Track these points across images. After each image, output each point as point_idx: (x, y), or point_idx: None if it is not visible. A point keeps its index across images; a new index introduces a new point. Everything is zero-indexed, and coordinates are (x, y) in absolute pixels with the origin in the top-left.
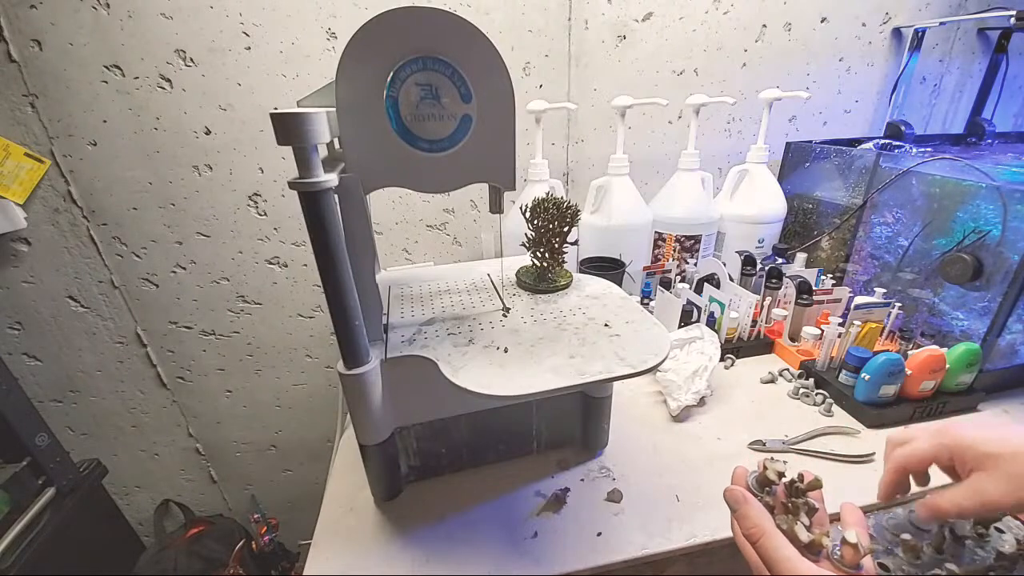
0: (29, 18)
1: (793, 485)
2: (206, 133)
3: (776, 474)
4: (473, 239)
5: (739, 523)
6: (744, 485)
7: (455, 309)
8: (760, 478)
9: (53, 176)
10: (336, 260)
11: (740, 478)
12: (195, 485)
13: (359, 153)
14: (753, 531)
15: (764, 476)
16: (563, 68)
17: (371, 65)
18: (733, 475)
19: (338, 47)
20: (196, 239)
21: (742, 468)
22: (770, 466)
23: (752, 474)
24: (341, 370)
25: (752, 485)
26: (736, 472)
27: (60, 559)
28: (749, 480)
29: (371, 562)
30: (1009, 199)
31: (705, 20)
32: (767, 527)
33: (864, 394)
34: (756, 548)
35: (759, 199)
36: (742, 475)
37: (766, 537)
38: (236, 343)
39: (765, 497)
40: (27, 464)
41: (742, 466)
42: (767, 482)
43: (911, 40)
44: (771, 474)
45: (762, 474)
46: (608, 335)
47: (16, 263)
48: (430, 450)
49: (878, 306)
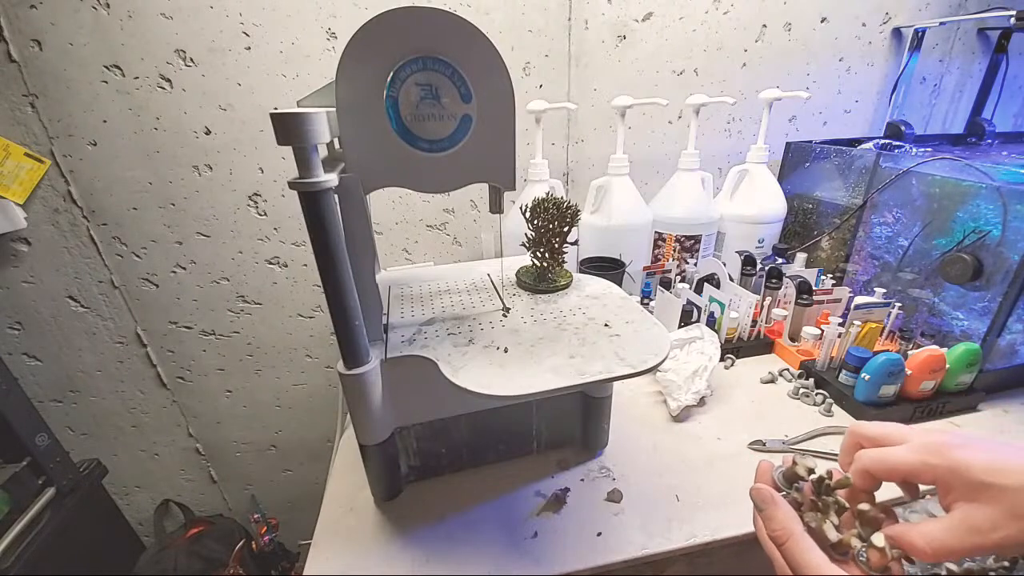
0: (29, 18)
1: (823, 482)
2: (206, 133)
3: (806, 470)
4: (473, 239)
5: (765, 523)
6: (769, 480)
7: (455, 309)
8: (788, 473)
9: (53, 176)
10: (336, 260)
11: (765, 473)
12: (195, 485)
13: (359, 153)
14: (780, 533)
15: (793, 471)
16: (563, 68)
17: (371, 65)
18: (758, 470)
19: (338, 47)
20: (196, 239)
21: (767, 463)
22: (800, 461)
23: (778, 469)
24: (341, 370)
25: (779, 480)
26: (761, 467)
27: (60, 559)
28: (775, 475)
29: (371, 562)
30: (1009, 199)
31: (705, 20)
32: (795, 529)
33: (864, 394)
34: (783, 551)
35: (759, 199)
36: (767, 470)
37: (793, 540)
38: (236, 343)
39: (792, 493)
40: (27, 464)
41: (767, 460)
42: (795, 478)
43: (911, 40)
44: (800, 469)
45: (790, 469)
46: (608, 335)
47: (16, 263)
48: (430, 450)
49: (878, 306)
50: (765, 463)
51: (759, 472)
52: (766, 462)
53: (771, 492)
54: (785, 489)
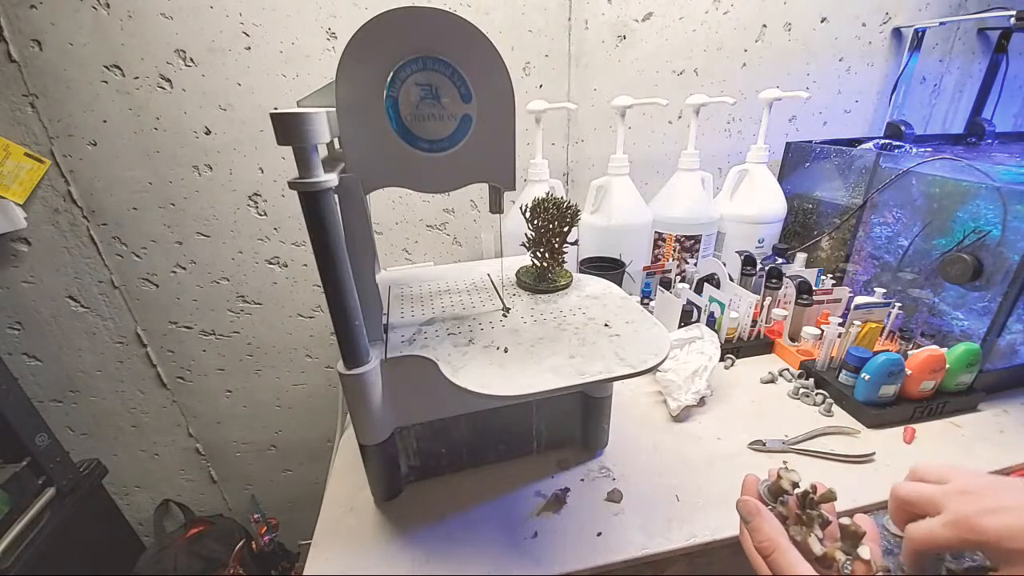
0: (29, 18)
1: (807, 496)
2: (206, 133)
3: (790, 483)
4: (473, 239)
5: (751, 535)
6: (755, 493)
7: (455, 309)
8: (773, 487)
9: (53, 176)
10: (336, 260)
11: (751, 486)
12: (195, 485)
13: (359, 153)
14: (766, 545)
15: (777, 485)
16: (563, 68)
17: (371, 65)
18: (744, 483)
19: (338, 47)
20: (196, 239)
21: (753, 476)
22: (784, 475)
23: (764, 483)
24: (341, 370)
25: (764, 494)
26: (747, 480)
27: (60, 559)
28: (761, 489)
29: (371, 562)
30: (1009, 199)
31: (705, 20)
32: (781, 542)
33: (864, 394)
34: (769, 562)
35: (759, 199)
36: (753, 483)
37: (779, 552)
38: (236, 343)
39: (777, 507)
40: (27, 464)
41: (753, 474)
42: (780, 491)
43: (911, 40)
44: (785, 483)
45: (775, 483)
46: (608, 335)
47: (16, 263)
48: (430, 450)
49: (878, 306)
50: (751, 476)
51: (745, 485)
52: (752, 475)
53: (757, 504)
54: (770, 503)
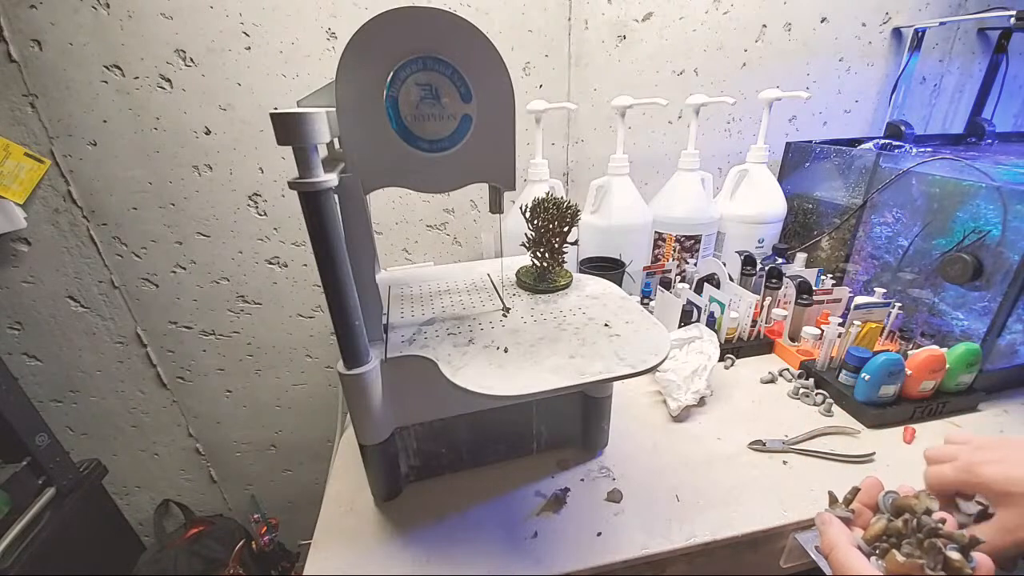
0: (29, 18)
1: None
2: (206, 133)
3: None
4: (473, 239)
5: (821, 538)
6: (873, 498)
7: (455, 309)
8: (901, 503)
9: (53, 176)
10: (336, 260)
11: (872, 488)
12: (195, 485)
13: (359, 153)
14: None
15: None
16: (563, 68)
17: (371, 65)
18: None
19: (338, 47)
20: (196, 239)
21: (874, 479)
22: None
23: (889, 493)
24: (341, 370)
25: (884, 504)
26: (867, 482)
27: (60, 559)
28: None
29: (371, 562)
30: (1009, 199)
31: (705, 20)
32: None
33: (864, 394)
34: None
35: (759, 199)
36: (875, 486)
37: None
38: (236, 343)
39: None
40: (27, 464)
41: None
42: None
43: (911, 40)
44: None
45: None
46: (608, 335)
47: (16, 263)
48: (430, 450)
49: (878, 306)
50: (872, 479)
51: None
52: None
53: (830, 517)
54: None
